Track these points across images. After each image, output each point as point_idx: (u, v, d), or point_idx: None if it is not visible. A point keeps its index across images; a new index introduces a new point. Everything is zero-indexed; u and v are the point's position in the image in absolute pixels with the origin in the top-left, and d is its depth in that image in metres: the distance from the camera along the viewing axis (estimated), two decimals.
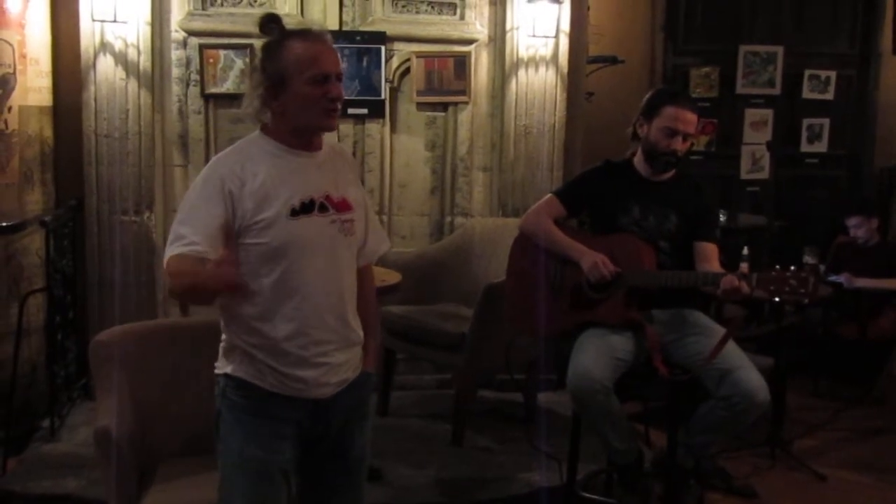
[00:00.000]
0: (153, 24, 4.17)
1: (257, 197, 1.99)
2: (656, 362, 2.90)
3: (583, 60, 4.71)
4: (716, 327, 3.06)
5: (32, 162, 4.09)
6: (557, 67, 4.49)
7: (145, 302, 4.26)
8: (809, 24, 5.86)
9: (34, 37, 4.06)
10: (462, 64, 4.49)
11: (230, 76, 4.31)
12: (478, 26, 4.53)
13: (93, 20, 4.05)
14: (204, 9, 4.32)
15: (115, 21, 4.05)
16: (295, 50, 2.01)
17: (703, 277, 2.92)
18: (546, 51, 4.46)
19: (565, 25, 4.47)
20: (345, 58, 4.26)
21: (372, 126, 4.53)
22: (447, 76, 4.50)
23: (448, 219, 4.66)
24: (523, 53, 4.45)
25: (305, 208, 2.04)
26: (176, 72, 4.31)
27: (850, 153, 6.02)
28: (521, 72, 4.47)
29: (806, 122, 5.86)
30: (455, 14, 4.54)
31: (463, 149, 4.59)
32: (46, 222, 3.80)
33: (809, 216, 5.73)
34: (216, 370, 2.12)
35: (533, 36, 4.43)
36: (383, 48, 4.42)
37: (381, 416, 4.08)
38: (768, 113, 5.71)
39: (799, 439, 4.20)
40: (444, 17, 4.53)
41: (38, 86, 4.12)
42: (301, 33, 2.05)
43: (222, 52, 4.29)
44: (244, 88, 4.21)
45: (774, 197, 5.24)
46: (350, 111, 4.40)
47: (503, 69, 4.52)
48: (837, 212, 5.32)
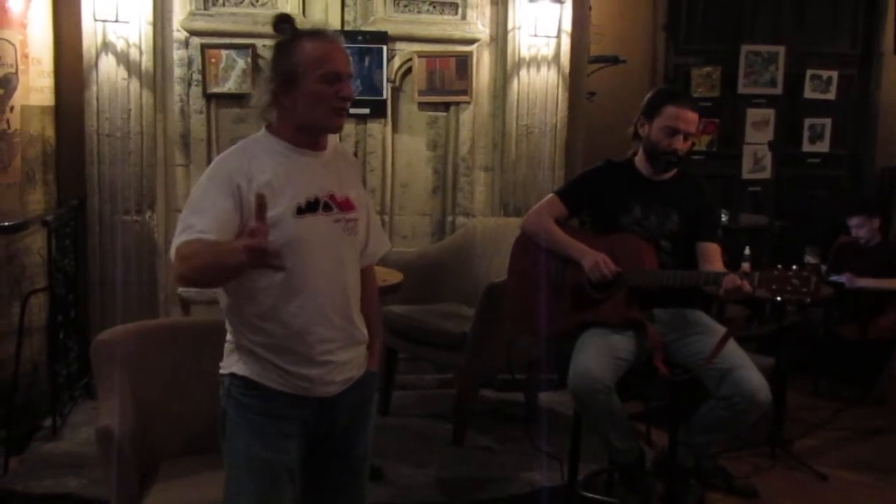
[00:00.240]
0: (155, 24, 4.18)
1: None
2: (657, 362, 2.91)
3: (584, 60, 4.71)
4: (717, 327, 3.06)
5: (34, 161, 4.10)
6: (559, 67, 4.49)
7: (147, 301, 4.27)
8: (811, 24, 5.86)
9: (36, 36, 4.06)
10: (464, 64, 4.49)
11: (232, 76, 4.31)
12: (479, 26, 4.53)
13: (95, 20, 4.06)
14: (206, 8, 4.32)
15: (117, 21, 4.06)
16: (308, 48, 2.02)
17: (705, 277, 2.92)
18: (548, 51, 4.46)
19: (567, 25, 4.47)
20: None
21: (374, 126, 4.53)
22: (449, 76, 4.50)
23: (449, 218, 4.66)
24: (525, 53, 4.46)
25: (311, 207, 2.04)
26: (178, 71, 4.31)
27: (852, 153, 6.02)
28: (523, 71, 4.47)
29: (807, 122, 5.86)
30: (457, 14, 4.54)
31: (464, 148, 4.59)
32: (48, 222, 3.79)
33: (811, 216, 5.72)
34: (221, 370, 2.12)
35: (534, 36, 4.43)
36: (385, 48, 4.42)
37: (383, 416, 4.08)
38: (770, 113, 5.71)
39: (799, 439, 4.20)
40: (446, 17, 4.53)
41: (40, 85, 4.12)
42: (314, 33, 2.06)
43: (224, 52, 4.29)
44: (246, 88, 4.24)
45: (776, 197, 5.25)
46: (352, 111, 4.39)
47: (505, 69, 4.52)
48: (839, 212, 5.32)
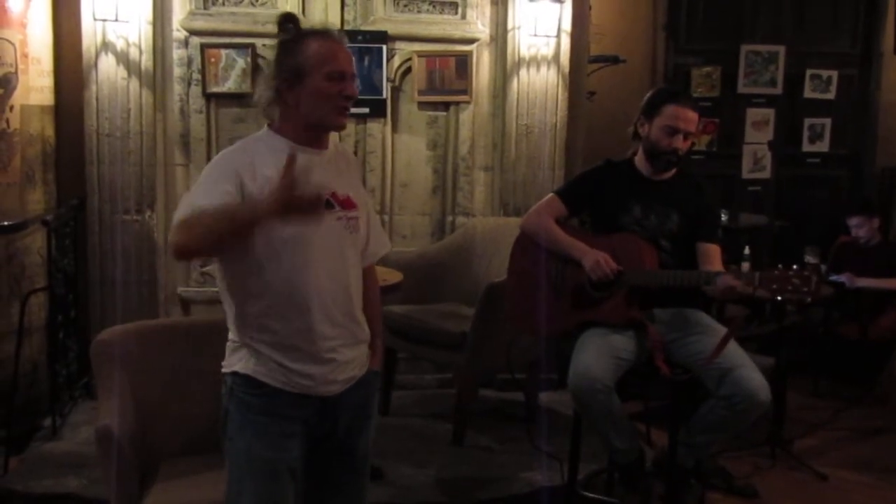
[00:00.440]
0: (155, 24, 4.17)
1: (266, 191, 1.97)
2: (658, 362, 2.90)
3: (584, 60, 4.71)
4: (717, 327, 3.06)
5: (34, 161, 4.10)
6: (559, 67, 4.49)
7: (147, 301, 4.27)
8: (811, 24, 5.86)
9: (36, 36, 4.06)
10: (463, 63, 4.49)
11: (231, 75, 4.31)
12: (479, 26, 4.52)
13: (94, 19, 4.06)
14: (205, 8, 4.32)
15: (117, 20, 4.06)
16: (314, 47, 2.04)
17: (705, 277, 2.92)
18: (547, 50, 4.46)
19: (567, 25, 4.47)
20: None
21: (373, 125, 4.53)
22: (448, 75, 4.50)
23: (449, 218, 4.66)
24: (525, 53, 4.45)
25: None
26: (177, 71, 4.31)
27: (852, 153, 6.01)
28: (523, 71, 4.47)
29: (807, 122, 5.85)
30: (456, 13, 4.53)
31: (464, 148, 4.59)
32: (48, 221, 3.79)
33: (810, 216, 5.72)
34: (223, 369, 2.12)
35: (534, 35, 4.43)
36: (385, 47, 4.41)
37: (383, 416, 4.08)
38: (770, 112, 5.70)
39: (799, 439, 4.20)
40: (446, 17, 4.53)
41: (40, 85, 4.12)
42: (320, 32, 2.09)
43: (224, 52, 4.29)
44: (245, 88, 4.24)
45: (776, 196, 5.25)
46: (351, 110, 4.38)
47: (504, 69, 4.52)
48: (839, 211, 5.33)
